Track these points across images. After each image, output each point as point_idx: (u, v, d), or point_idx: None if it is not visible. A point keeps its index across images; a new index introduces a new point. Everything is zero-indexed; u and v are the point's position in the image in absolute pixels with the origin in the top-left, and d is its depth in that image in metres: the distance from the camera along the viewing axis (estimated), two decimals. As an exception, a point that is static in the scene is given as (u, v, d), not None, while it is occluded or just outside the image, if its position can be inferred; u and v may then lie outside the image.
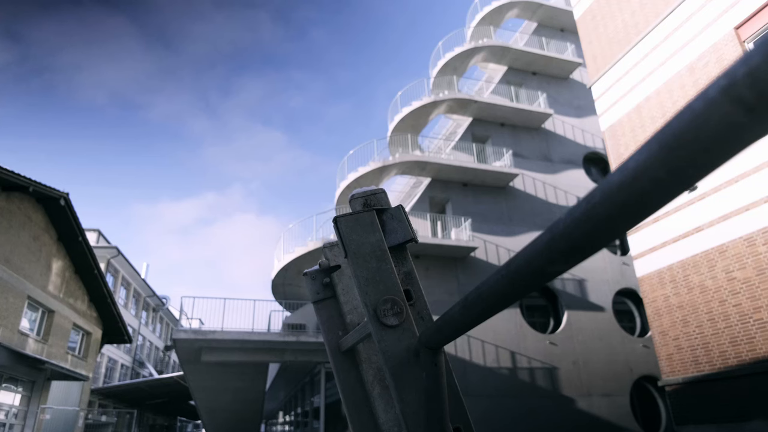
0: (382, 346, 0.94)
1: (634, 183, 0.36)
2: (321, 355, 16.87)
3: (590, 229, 0.43)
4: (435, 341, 0.88)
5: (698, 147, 0.31)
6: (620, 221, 0.40)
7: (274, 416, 39.79)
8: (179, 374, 24.51)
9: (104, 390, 26.94)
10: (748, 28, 8.96)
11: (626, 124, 11.49)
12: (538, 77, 21.77)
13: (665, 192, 0.35)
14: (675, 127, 0.32)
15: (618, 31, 12.31)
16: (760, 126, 0.28)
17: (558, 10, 22.69)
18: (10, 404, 15.27)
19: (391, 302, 0.97)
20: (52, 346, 16.95)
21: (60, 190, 15.86)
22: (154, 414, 38.38)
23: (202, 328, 17.02)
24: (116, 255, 29.15)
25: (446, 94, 19.28)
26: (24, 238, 15.22)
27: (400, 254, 1.06)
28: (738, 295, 8.58)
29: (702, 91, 0.30)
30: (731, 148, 0.31)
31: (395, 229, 1.07)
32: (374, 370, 1.24)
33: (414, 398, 0.91)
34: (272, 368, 21.67)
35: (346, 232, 1.02)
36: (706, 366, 9.00)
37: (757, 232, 8.36)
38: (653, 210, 0.38)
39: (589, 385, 16.49)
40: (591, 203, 0.41)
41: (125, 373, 33.30)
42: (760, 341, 8.14)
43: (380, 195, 1.10)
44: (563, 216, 0.46)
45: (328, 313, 1.36)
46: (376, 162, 17.85)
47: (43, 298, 16.36)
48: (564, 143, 20.76)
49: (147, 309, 38.48)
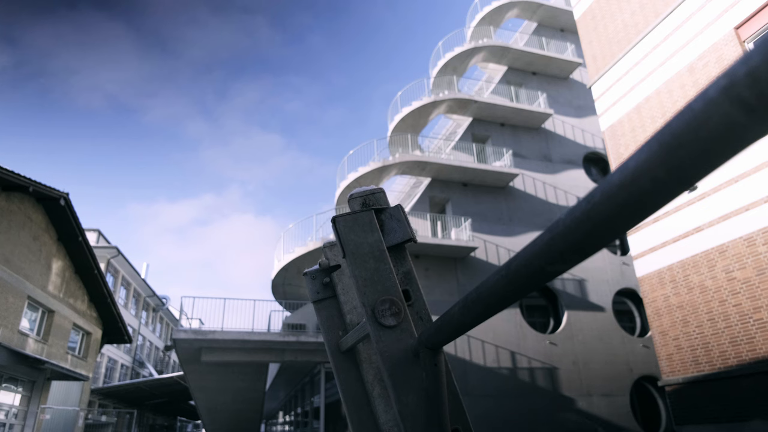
0: (379, 347, 0.94)
1: (634, 183, 0.36)
2: (321, 355, 16.87)
3: (590, 229, 0.43)
4: (435, 341, 0.87)
5: (698, 147, 0.31)
6: (620, 221, 0.40)
7: (274, 416, 39.80)
8: (179, 374, 24.51)
9: (104, 390, 26.92)
10: (748, 28, 8.96)
11: (626, 124, 11.49)
12: (538, 77, 21.77)
13: (665, 192, 0.35)
14: (675, 127, 0.32)
15: (618, 31, 12.31)
16: (760, 126, 0.28)
17: (558, 10, 22.69)
18: (10, 404, 15.27)
19: (389, 302, 0.96)
20: (52, 346, 16.95)
21: (60, 190, 15.86)
22: (154, 414, 38.38)
23: (202, 328, 17.02)
24: (116, 255, 29.14)
25: (446, 94, 19.28)
26: (24, 238, 15.22)
27: (398, 254, 1.06)
28: (738, 295, 8.58)
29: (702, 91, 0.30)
30: (731, 148, 0.30)
31: (394, 228, 1.06)
32: (374, 370, 1.24)
33: (412, 399, 0.91)
34: (272, 368, 21.67)
35: (344, 232, 1.02)
36: (706, 366, 9.00)
37: (757, 232, 8.36)
38: (653, 210, 0.38)
39: (589, 385, 16.49)
40: (591, 203, 0.41)
41: (125, 373, 33.30)
42: (760, 341, 8.14)
43: (379, 194, 1.10)
44: (563, 216, 0.46)
45: (328, 313, 1.36)
46: (376, 162, 17.85)
47: (43, 298, 16.36)
48: (564, 143, 20.76)
49: (147, 309, 38.48)
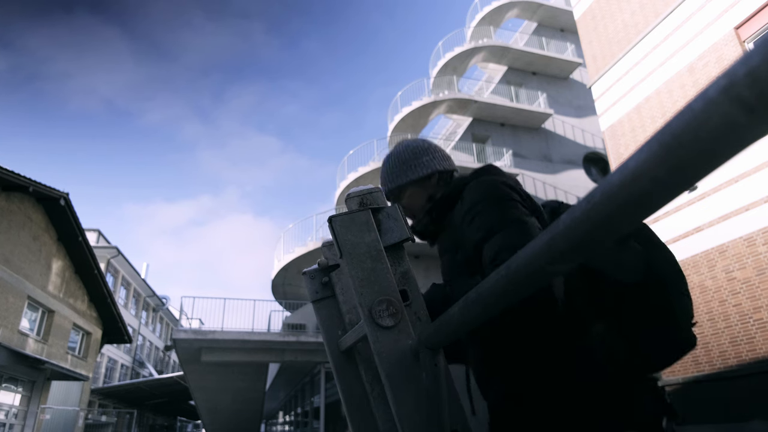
0: (377, 347, 0.94)
1: (634, 183, 0.36)
2: (321, 355, 16.86)
3: (590, 229, 0.43)
4: (434, 341, 0.87)
5: (698, 147, 0.31)
6: (620, 221, 0.40)
7: (274, 416, 39.79)
8: (179, 374, 24.50)
9: (104, 390, 26.92)
10: (748, 28, 8.96)
11: (626, 124, 11.49)
12: (538, 77, 21.76)
13: (665, 192, 0.35)
14: (675, 127, 0.32)
15: (618, 31, 12.30)
16: (760, 126, 0.28)
17: (558, 10, 22.68)
18: (10, 404, 15.27)
19: (386, 303, 0.96)
20: (52, 346, 16.95)
21: (60, 190, 15.85)
22: (154, 414, 38.37)
23: (202, 328, 17.02)
24: (116, 255, 29.14)
25: (446, 94, 19.28)
26: (24, 238, 15.21)
27: (396, 254, 1.05)
28: (738, 295, 8.58)
29: (702, 91, 0.30)
30: (731, 148, 0.30)
31: (391, 228, 1.06)
32: (374, 370, 1.24)
33: (410, 400, 0.91)
34: (272, 368, 21.66)
35: (341, 232, 1.01)
36: (706, 366, 8.99)
37: (757, 232, 8.35)
38: (653, 210, 0.38)
39: (589, 385, 16.46)
40: (591, 203, 0.41)
41: (125, 373, 33.30)
42: (760, 341, 8.14)
43: (376, 194, 1.10)
44: (563, 216, 0.46)
45: (327, 313, 1.36)
46: (376, 162, 17.86)
47: (43, 298, 16.35)
48: (564, 143, 20.76)
49: (147, 309, 38.47)
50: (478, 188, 1.30)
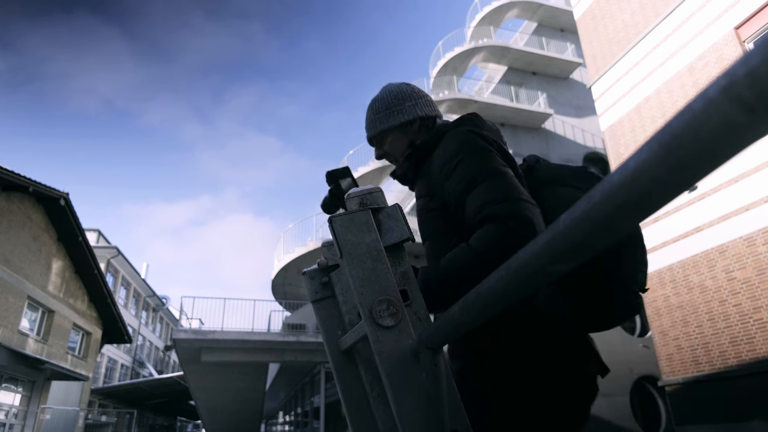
0: (377, 347, 0.94)
1: (635, 183, 0.36)
2: (321, 355, 16.86)
3: (590, 229, 0.43)
4: (435, 341, 0.87)
5: (698, 147, 0.31)
6: (620, 221, 0.40)
7: (274, 416, 39.79)
8: (179, 374, 24.50)
9: (104, 390, 26.92)
10: (748, 28, 8.96)
11: (626, 124, 11.49)
12: (538, 77, 21.76)
13: (665, 192, 0.35)
14: (675, 127, 0.32)
15: (618, 31, 12.30)
16: (760, 126, 0.28)
17: (558, 10, 22.67)
18: (10, 404, 15.27)
19: (386, 303, 0.96)
20: (52, 346, 16.94)
21: (60, 189, 15.85)
22: (154, 414, 38.37)
23: (202, 328, 17.02)
24: (116, 255, 29.13)
25: (446, 94, 19.28)
26: (24, 238, 15.21)
27: (396, 254, 1.05)
28: (738, 295, 8.58)
29: (702, 91, 0.30)
30: (731, 148, 0.30)
31: (391, 228, 1.06)
32: (374, 370, 1.24)
33: (410, 400, 0.91)
34: (272, 368, 21.66)
35: (341, 232, 1.02)
36: (706, 366, 8.99)
37: (757, 232, 8.35)
38: (653, 210, 0.38)
39: (589, 385, 16.46)
40: (591, 203, 0.41)
41: (125, 373, 33.30)
42: (760, 341, 8.14)
43: (376, 194, 1.10)
44: (563, 216, 0.46)
45: (327, 313, 1.36)
46: (376, 162, 17.86)
47: (43, 298, 16.35)
48: (564, 143, 20.75)
49: (147, 309, 38.47)
50: (456, 138, 1.33)
